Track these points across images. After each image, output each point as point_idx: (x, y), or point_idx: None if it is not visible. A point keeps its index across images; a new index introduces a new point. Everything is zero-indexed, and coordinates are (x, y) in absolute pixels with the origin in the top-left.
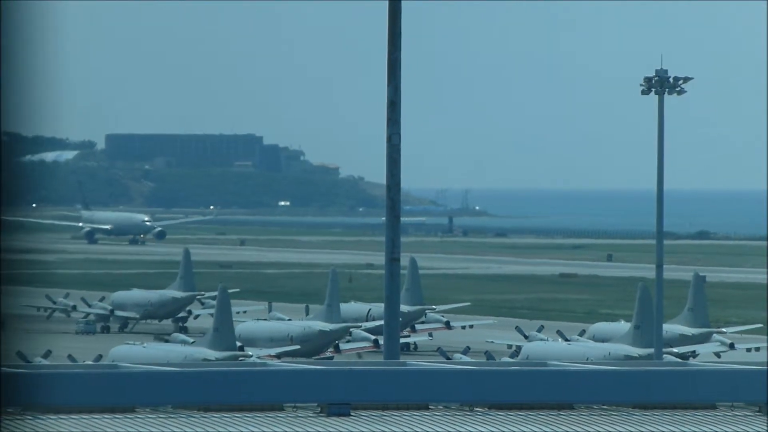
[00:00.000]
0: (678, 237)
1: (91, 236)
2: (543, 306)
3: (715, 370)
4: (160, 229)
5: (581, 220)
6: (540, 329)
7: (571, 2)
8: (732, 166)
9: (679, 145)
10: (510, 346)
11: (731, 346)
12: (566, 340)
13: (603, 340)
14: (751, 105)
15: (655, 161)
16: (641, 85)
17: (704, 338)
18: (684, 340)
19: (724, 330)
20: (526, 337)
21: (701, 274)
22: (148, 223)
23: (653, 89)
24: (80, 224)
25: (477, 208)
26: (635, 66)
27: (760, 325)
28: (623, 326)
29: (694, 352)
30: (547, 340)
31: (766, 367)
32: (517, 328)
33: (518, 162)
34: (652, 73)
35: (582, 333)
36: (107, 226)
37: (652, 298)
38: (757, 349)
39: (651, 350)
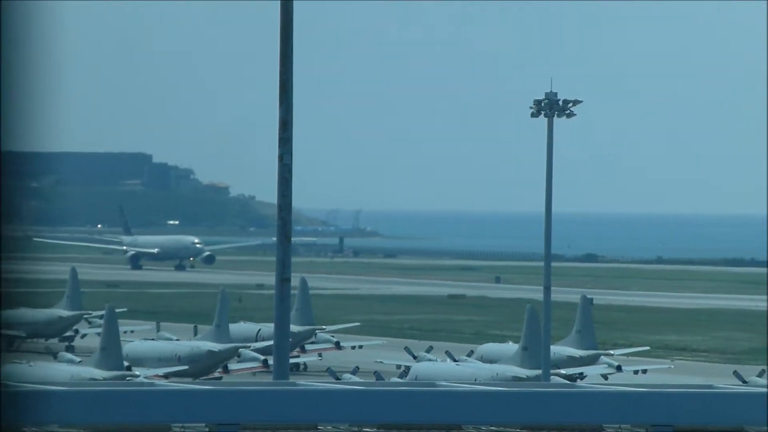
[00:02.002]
0: (566, 259)
1: (135, 261)
2: (432, 327)
3: (602, 392)
4: (209, 253)
5: (470, 241)
6: (429, 350)
7: (465, 24)
8: (620, 190)
9: (568, 168)
10: (399, 367)
11: (618, 369)
12: (455, 360)
13: (491, 361)
14: (641, 129)
15: (544, 183)
16: (531, 107)
17: (592, 360)
18: (571, 361)
19: (611, 352)
20: (415, 357)
21: (588, 296)
22: (198, 245)
23: (543, 112)
24: (124, 248)
25: (368, 228)
26: (526, 88)
27: (647, 348)
28: (511, 347)
29: (581, 373)
30: (436, 360)
31: (652, 390)
32: (406, 348)
33: (409, 183)
34: (542, 96)
35: (470, 354)
36: (154, 250)
37: (540, 319)
38: (644, 371)
39: (539, 371)
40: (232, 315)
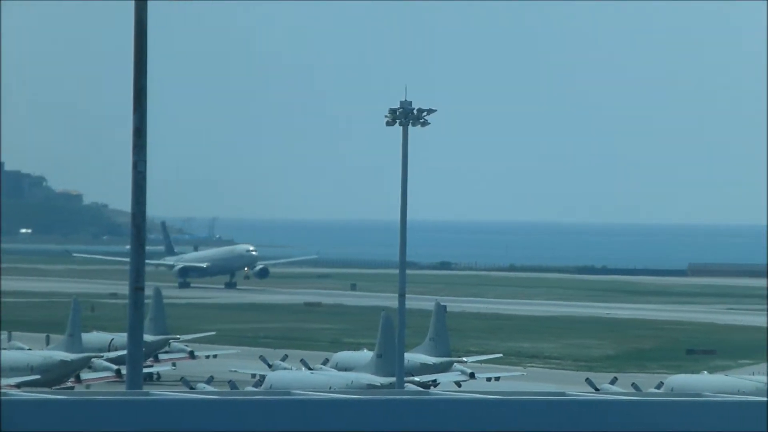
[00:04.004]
0: (420, 267)
1: (183, 275)
2: (288, 335)
3: (454, 399)
4: (262, 266)
5: (326, 249)
6: (284, 358)
7: (330, 30)
8: (472, 198)
9: (423, 177)
10: (254, 376)
11: (472, 376)
12: (309, 368)
13: (346, 369)
14: (495, 138)
15: (399, 192)
16: (386, 116)
17: (445, 367)
18: (425, 369)
19: (464, 359)
20: (270, 366)
21: (442, 303)
22: (253, 253)
23: (398, 120)
24: (171, 263)
25: (223, 237)
26: (384, 95)
27: (500, 355)
28: (366, 355)
29: (435, 381)
30: (291, 369)
31: (504, 397)
32: (261, 357)
33: (265, 192)
34: (396, 105)
35: (326, 362)
36: (203, 264)
37: (394, 327)
38: (497, 378)
39: (393, 379)
40: (86, 324)
